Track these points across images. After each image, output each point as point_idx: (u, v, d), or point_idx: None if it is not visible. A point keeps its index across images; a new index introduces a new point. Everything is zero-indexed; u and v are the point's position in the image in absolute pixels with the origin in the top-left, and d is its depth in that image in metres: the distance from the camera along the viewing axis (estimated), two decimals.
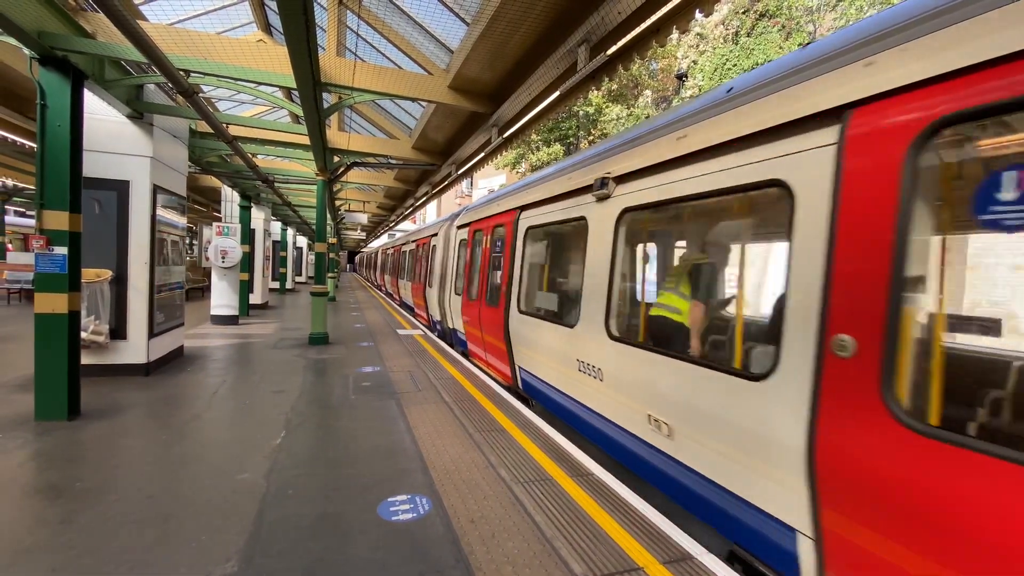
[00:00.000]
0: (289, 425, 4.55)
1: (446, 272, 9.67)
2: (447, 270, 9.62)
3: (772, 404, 2.37)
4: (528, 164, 25.59)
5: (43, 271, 4.37)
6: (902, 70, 1.97)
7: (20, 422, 4.36)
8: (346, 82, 6.14)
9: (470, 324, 7.56)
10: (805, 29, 18.35)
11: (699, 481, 2.89)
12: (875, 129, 2.00)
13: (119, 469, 3.53)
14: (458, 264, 8.68)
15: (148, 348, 6.11)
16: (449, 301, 9.09)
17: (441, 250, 10.47)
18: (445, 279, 9.72)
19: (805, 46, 2.64)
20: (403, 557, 2.57)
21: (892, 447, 1.83)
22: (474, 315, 7.31)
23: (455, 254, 9.07)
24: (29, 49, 4.23)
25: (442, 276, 10.13)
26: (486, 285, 7.02)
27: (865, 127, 2.05)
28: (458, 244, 8.92)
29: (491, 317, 6.56)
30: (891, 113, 1.96)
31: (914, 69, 1.92)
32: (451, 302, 8.86)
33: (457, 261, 8.81)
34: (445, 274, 9.81)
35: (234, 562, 2.49)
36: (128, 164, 5.89)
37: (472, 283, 7.66)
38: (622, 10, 4.48)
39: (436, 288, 10.57)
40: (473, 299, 7.33)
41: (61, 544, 2.59)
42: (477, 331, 7.27)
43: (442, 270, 10.19)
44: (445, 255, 10.10)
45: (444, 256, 10.17)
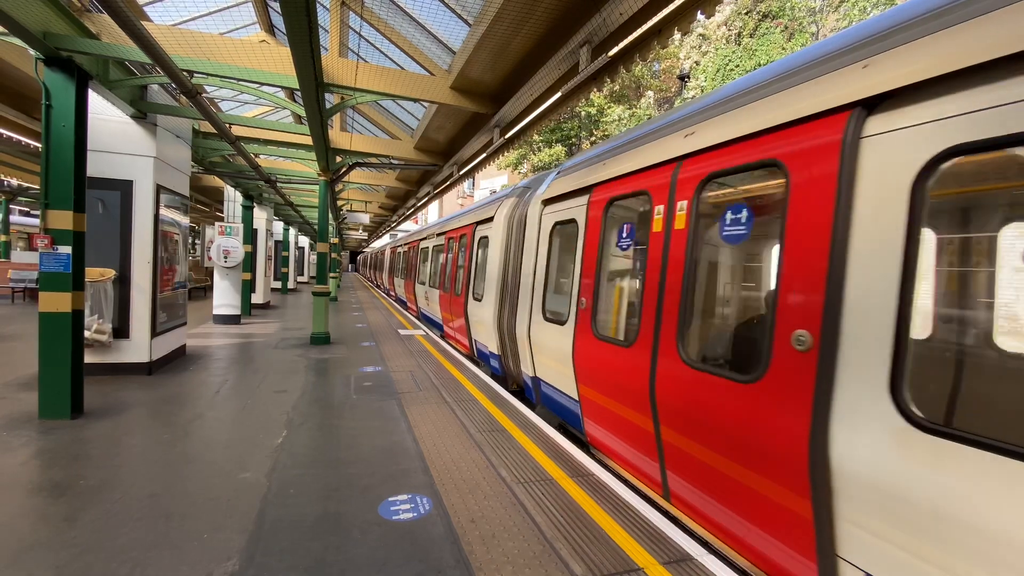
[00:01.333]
0: (291, 425, 4.57)
1: (517, 279, 6.14)
2: (520, 275, 6.03)
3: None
4: (530, 165, 25.61)
5: (47, 270, 4.40)
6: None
7: (24, 420, 4.38)
8: (348, 82, 6.16)
9: (607, 392, 3.90)
10: (808, 30, 18.33)
11: None
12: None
13: (122, 467, 3.54)
14: (552, 266, 5.28)
15: (151, 347, 6.14)
16: (530, 330, 5.42)
17: (500, 243, 6.93)
18: (516, 291, 6.14)
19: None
20: (404, 556, 2.58)
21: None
22: (632, 376, 3.52)
23: (541, 248, 5.45)
24: (35, 50, 4.27)
25: (506, 284, 6.62)
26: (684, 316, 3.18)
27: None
28: (551, 231, 5.27)
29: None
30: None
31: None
32: (537, 333, 5.24)
33: (548, 260, 5.29)
34: (514, 282, 6.28)
35: (235, 560, 2.50)
36: (132, 164, 5.92)
37: (610, 305, 4.44)
38: (624, 11, 4.49)
39: (492, 304, 6.85)
40: (625, 342, 3.66)
41: (64, 542, 2.61)
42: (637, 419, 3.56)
43: (506, 275, 6.68)
44: (509, 251, 6.74)
45: (509, 253, 6.72)
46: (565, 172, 5.16)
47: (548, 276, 5.25)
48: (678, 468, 3.11)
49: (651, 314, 3.33)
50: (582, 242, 4.43)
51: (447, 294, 9.77)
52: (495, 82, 6.42)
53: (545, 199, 5.40)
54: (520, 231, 6.30)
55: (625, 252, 4.23)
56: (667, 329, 3.18)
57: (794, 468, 2.26)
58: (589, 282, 4.21)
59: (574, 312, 4.41)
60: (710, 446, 2.78)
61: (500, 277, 6.78)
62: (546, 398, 5.22)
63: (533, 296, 5.43)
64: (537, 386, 5.42)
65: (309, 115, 6.04)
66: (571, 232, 4.85)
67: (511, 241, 6.67)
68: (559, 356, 4.64)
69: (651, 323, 3.32)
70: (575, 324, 4.35)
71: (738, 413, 2.58)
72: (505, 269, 6.69)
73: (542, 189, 5.65)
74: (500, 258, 6.85)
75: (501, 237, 6.92)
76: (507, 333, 6.43)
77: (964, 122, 1.81)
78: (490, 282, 7.05)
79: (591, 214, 4.33)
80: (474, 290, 7.95)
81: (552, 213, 5.24)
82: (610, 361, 3.77)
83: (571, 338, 4.40)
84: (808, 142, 2.37)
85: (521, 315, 5.71)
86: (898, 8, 2.27)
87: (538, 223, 5.56)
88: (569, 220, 4.80)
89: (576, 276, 4.45)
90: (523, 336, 5.58)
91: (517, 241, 6.38)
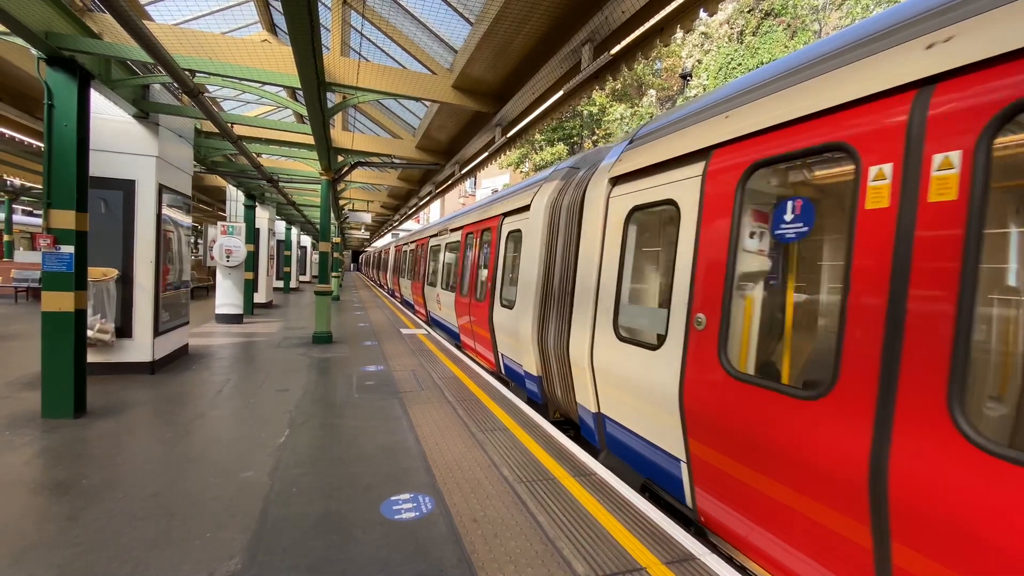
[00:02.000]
0: (293, 424, 4.57)
1: (567, 283, 4.90)
2: (573, 278, 4.76)
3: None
4: (532, 164, 25.60)
5: (50, 270, 4.41)
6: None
7: (27, 420, 4.39)
8: (350, 82, 6.15)
9: (756, 462, 2.63)
10: (811, 28, 18.27)
11: None
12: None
13: (124, 467, 3.55)
14: (627, 266, 3.99)
15: (153, 346, 6.15)
16: (593, 351, 4.19)
17: (540, 238, 5.57)
18: (565, 298, 4.90)
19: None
20: (406, 556, 2.58)
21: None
22: (825, 448, 2.25)
23: (611, 242, 4.15)
24: (37, 49, 4.27)
25: (550, 289, 5.29)
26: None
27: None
28: (626, 218, 3.97)
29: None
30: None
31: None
32: (606, 356, 4.01)
33: (622, 258, 3.97)
34: (562, 287, 4.99)
35: (238, 559, 2.50)
36: (134, 163, 5.93)
37: (767, 326, 3.23)
38: (626, 9, 4.47)
39: (529, 313, 5.58)
40: (809, 390, 2.34)
41: (67, 541, 2.61)
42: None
43: (549, 278, 5.36)
44: (552, 247, 5.36)
45: (553, 249, 5.34)
46: (644, 139, 3.89)
47: (622, 280, 3.92)
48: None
49: (872, 346, 2.02)
50: (694, 231, 3.09)
51: (465, 299, 8.51)
52: (497, 81, 6.41)
53: (615, 176, 4.11)
54: (571, 221, 4.92)
55: (792, 244, 3.00)
56: (920, 372, 1.85)
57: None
58: (713, 290, 2.87)
59: (681, 332, 3.09)
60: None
61: (541, 280, 5.50)
62: (617, 444, 3.94)
63: (597, 306, 4.16)
64: (602, 426, 4.16)
65: (311, 114, 6.04)
66: (665, 218, 3.86)
67: (556, 234, 5.29)
68: (648, 393, 3.41)
69: (873, 361, 2.01)
70: (684, 350, 3.04)
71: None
72: (548, 270, 5.40)
73: (607, 161, 4.35)
74: (540, 256, 5.55)
75: (541, 230, 5.58)
76: (553, 352, 5.08)
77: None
78: (525, 286, 5.77)
79: (712, 189, 2.97)
80: (502, 295, 6.73)
81: (627, 194, 3.95)
82: (766, 415, 2.47)
83: (675, 369, 3.11)
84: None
85: (578, 331, 4.42)
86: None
87: (603, 209, 4.24)
88: (661, 202, 3.51)
89: (682, 281, 3.14)
90: (581, 359, 4.29)
91: (567, 234, 5.00)
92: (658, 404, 3.29)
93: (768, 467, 2.48)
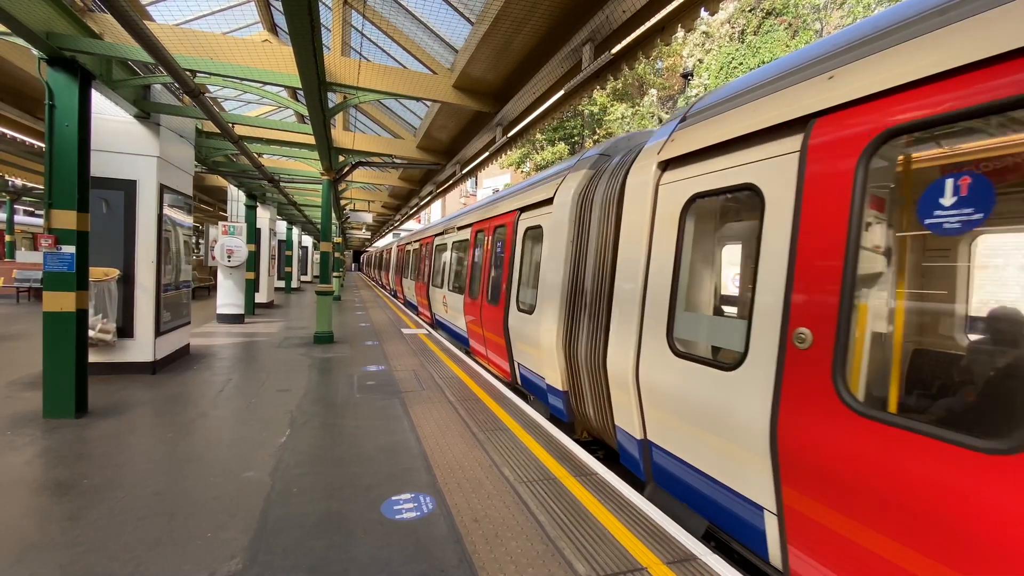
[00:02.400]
0: (294, 424, 4.57)
1: (602, 284, 4.29)
2: (609, 280, 4.15)
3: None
4: (533, 164, 25.60)
5: (51, 270, 4.41)
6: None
7: (28, 419, 4.40)
8: (351, 82, 6.15)
9: (892, 529, 1.97)
10: (812, 27, 18.24)
11: None
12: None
13: (126, 466, 3.55)
14: (683, 266, 3.34)
15: (155, 346, 6.15)
16: (638, 368, 3.56)
17: (566, 234, 4.99)
18: (599, 303, 4.31)
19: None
20: (406, 556, 2.57)
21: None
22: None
23: (662, 237, 3.50)
24: (38, 50, 4.27)
25: (579, 293, 4.68)
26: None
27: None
28: (683, 208, 3.32)
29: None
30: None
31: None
32: (656, 374, 3.40)
33: (677, 256, 3.33)
34: (596, 290, 4.40)
35: (239, 559, 2.50)
36: (135, 164, 5.94)
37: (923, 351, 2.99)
38: (627, 8, 4.47)
39: (553, 319, 4.98)
40: (997, 442, 1.66)
41: (68, 540, 2.62)
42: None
43: (578, 279, 4.73)
44: (582, 245, 4.75)
45: (583, 247, 4.73)
46: (704, 113, 3.25)
47: (677, 283, 3.26)
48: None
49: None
50: (788, 223, 2.44)
51: (475, 302, 7.88)
52: (498, 80, 6.41)
53: (667, 160, 3.49)
54: (606, 214, 4.34)
55: (939, 241, 2.51)
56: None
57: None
58: (824, 299, 2.24)
59: (770, 351, 2.46)
60: None
61: (567, 282, 4.89)
62: (669, 479, 3.34)
63: (644, 314, 3.51)
64: (648, 455, 3.54)
65: (312, 114, 6.04)
66: (740, 208, 3.33)
67: (586, 230, 4.69)
68: (718, 423, 2.80)
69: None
70: (778, 373, 2.40)
71: None
72: (576, 270, 4.78)
73: (653, 143, 3.71)
74: (566, 254, 4.95)
75: (567, 225, 4.97)
76: (585, 365, 4.48)
77: None
78: (548, 289, 5.17)
79: (815, 168, 2.34)
80: (519, 298, 6.15)
81: (684, 180, 3.30)
82: (922, 471, 1.85)
83: (762, 397, 2.48)
84: None
85: (618, 341, 3.78)
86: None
87: (651, 199, 3.58)
88: (735, 188, 2.87)
89: (771, 286, 2.50)
90: (622, 375, 3.67)
91: (602, 229, 4.39)
92: (734, 439, 2.68)
93: (921, 543, 1.84)
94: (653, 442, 3.48)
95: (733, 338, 2.90)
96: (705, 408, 2.90)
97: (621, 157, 4.56)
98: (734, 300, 3.41)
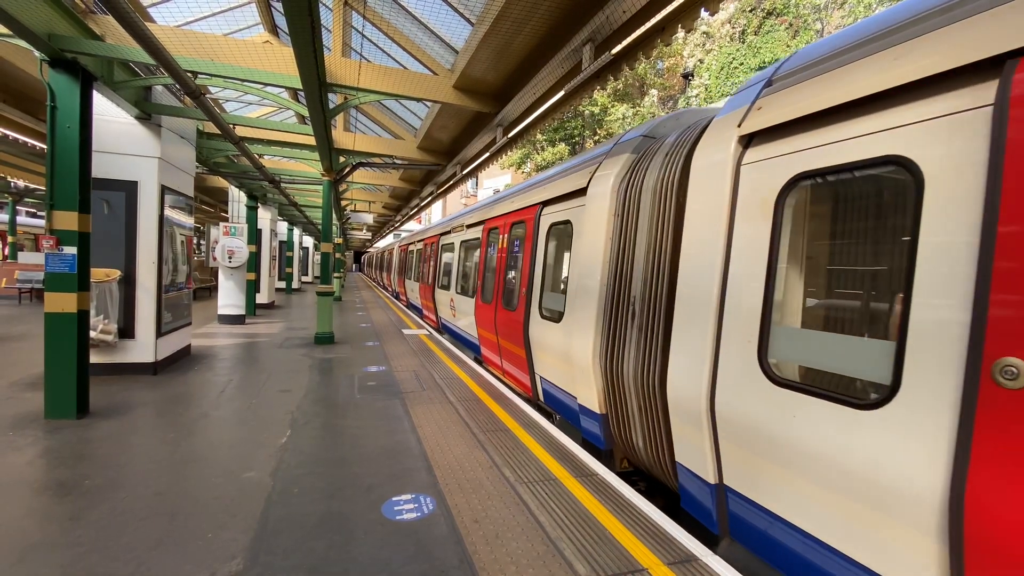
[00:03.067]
0: (295, 424, 4.58)
1: (654, 291, 3.66)
2: (664, 285, 3.56)
3: None
4: (533, 164, 25.61)
5: (53, 271, 4.42)
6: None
7: (30, 420, 4.41)
8: (351, 83, 6.16)
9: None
10: (813, 27, 18.23)
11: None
12: None
13: (127, 467, 3.56)
14: (778, 270, 2.64)
15: (156, 347, 6.16)
16: (713, 397, 2.89)
17: (604, 230, 4.36)
18: (651, 313, 3.66)
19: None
20: (407, 557, 2.58)
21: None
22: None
23: (744, 232, 2.83)
24: (39, 51, 4.28)
25: (623, 300, 4.02)
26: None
27: None
28: (778, 195, 2.62)
29: None
30: None
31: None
32: (746, 407, 2.66)
33: (771, 258, 2.63)
34: (648, 297, 3.72)
35: (239, 560, 2.51)
36: (136, 165, 5.95)
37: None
38: (627, 9, 4.47)
39: (588, 329, 4.37)
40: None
41: (70, 541, 2.62)
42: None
43: (622, 284, 4.06)
44: (628, 242, 4.06)
45: (628, 245, 4.04)
46: (807, 69, 2.62)
47: (773, 289, 2.59)
48: None
49: None
50: (977, 209, 1.80)
51: (488, 305, 7.24)
52: (498, 81, 6.41)
53: (752, 132, 2.85)
54: (661, 205, 3.67)
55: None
56: None
57: None
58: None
59: (948, 388, 1.83)
60: None
61: (606, 286, 4.23)
62: (758, 538, 2.66)
63: (722, 327, 2.86)
64: (724, 504, 2.90)
65: (312, 115, 6.05)
66: (873, 189, 2.51)
67: (632, 224, 4.00)
68: (852, 480, 2.11)
69: None
70: (964, 422, 1.76)
71: None
72: (618, 272, 4.09)
73: (727, 114, 3.10)
74: (604, 254, 4.30)
75: (605, 219, 4.33)
76: (634, 386, 3.77)
77: None
78: (580, 294, 4.57)
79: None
80: (541, 304, 5.45)
81: (781, 157, 2.63)
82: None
83: (936, 453, 1.84)
84: None
85: (682, 360, 3.13)
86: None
87: (730, 183, 2.93)
88: (865, 164, 2.20)
89: (942, 300, 1.88)
90: (690, 402, 3.02)
91: (655, 223, 3.72)
92: (886, 508, 1.98)
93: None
94: (732, 488, 2.83)
95: (873, 364, 2.16)
96: (830, 459, 2.20)
97: (676, 136, 3.87)
98: (869, 312, 2.56)
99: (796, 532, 2.41)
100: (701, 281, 3.05)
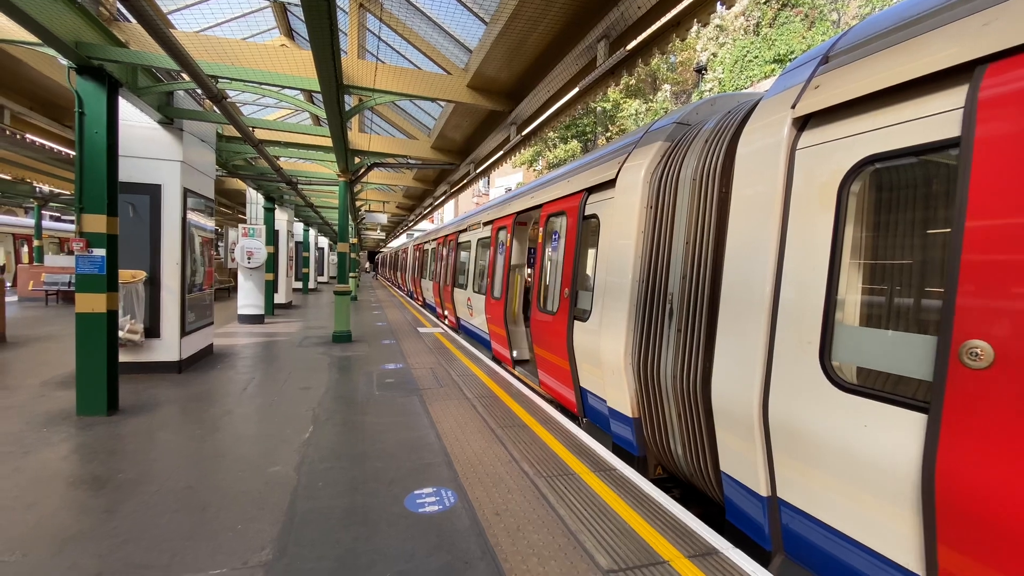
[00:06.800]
0: (316, 420, 4.66)
1: (697, 287, 3.40)
2: (709, 281, 3.29)
3: None
4: (545, 161, 25.59)
5: (83, 272, 4.56)
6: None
7: (63, 417, 4.55)
8: (367, 84, 6.23)
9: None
10: (829, 18, 17.92)
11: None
12: None
13: (157, 462, 3.66)
14: (841, 264, 2.38)
15: (180, 346, 6.31)
16: (767, 403, 2.65)
17: (636, 223, 4.14)
18: (692, 311, 3.41)
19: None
20: (430, 548, 2.62)
21: None
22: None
23: (801, 223, 2.58)
24: (67, 59, 4.41)
25: (659, 298, 3.80)
26: None
27: None
28: (843, 180, 2.36)
29: None
30: None
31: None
32: (810, 419, 2.39)
33: (833, 253, 2.38)
34: (688, 294, 3.48)
35: (269, 550, 2.57)
36: (160, 168, 6.09)
37: None
38: (642, 4, 4.45)
39: (621, 328, 4.15)
40: None
41: (106, 532, 2.72)
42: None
43: (657, 280, 3.85)
44: (663, 236, 3.85)
45: (664, 238, 3.84)
46: (871, 42, 2.36)
47: (835, 285, 2.35)
48: None
49: None
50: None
51: (497, 302, 6.93)
52: (512, 79, 6.43)
53: (808, 114, 2.61)
54: (702, 195, 3.44)
55: None
56: None
57: None
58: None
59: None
60: None
61: (639, 281, 4.03)
62: (816, 555, 2.46)
63: (776, 326, 2.63)
64: (778, 517, 2.68)
65: (329, 117, 6.13)
66: (944, 174, 2.26)
67: (667, 216, 3.80)
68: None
69: None
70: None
71: None
72: (652, 267, 3.89)
73: (777, 93, 2.90)
74: (636, 248, 4.08)
75: (636, 212, 4.10)
76: (672, 389, 3.56)
77: None
78: (608, 290, 4.37)
79: None
80: (576, 304, 5.07)
81: (843, 140, 2.38)
82: None
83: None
84: None
85: (728, 363, 2.94)
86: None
87: (783, 170, 2.69)
88: (943, 144, 1.96)
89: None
90: (738, 408, 2.82)
91: (695, 215, 3.50)
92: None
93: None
94: (787, 501, 2.59)
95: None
96: (900, 467, 1.97)
97: (716, 122, 3.62)
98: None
99: (862, 551, 2.18)
100: (751, 277, 2.80)
